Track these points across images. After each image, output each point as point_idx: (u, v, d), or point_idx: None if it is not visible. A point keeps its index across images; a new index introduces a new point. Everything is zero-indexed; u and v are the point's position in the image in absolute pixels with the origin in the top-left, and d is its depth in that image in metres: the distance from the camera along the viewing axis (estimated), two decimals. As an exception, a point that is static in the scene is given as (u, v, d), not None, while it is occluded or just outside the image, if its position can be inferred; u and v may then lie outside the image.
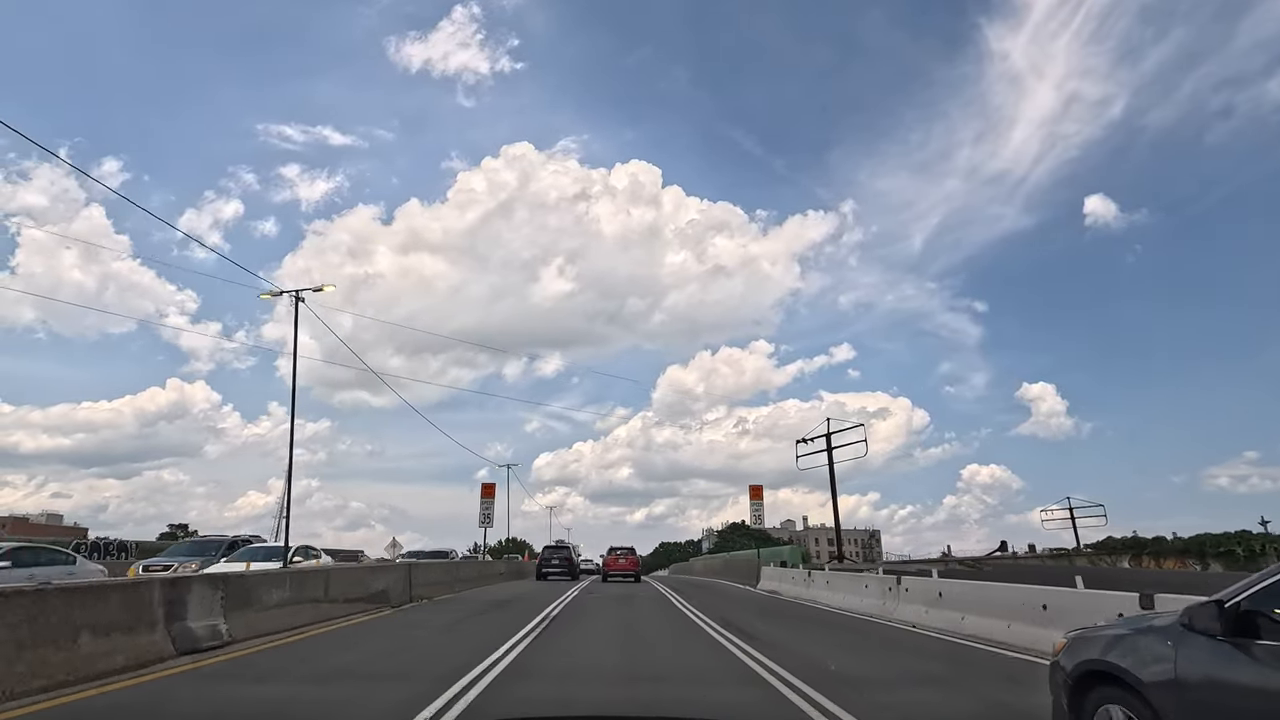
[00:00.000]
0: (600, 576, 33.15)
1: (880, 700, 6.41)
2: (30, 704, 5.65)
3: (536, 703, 6.28)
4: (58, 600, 6.45)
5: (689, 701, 6.46)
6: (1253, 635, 3.00)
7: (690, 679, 7.66)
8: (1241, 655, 2.99)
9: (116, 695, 6.16)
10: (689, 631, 11.85)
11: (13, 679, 5.77)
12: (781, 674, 7.45)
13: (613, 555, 31.07)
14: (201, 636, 8.34)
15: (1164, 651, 3.32)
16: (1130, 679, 3.43)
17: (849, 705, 5.94)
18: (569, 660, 8.70)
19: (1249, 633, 3.01)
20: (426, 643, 10.08)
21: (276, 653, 8.76)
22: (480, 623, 12.74)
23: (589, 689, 6.97)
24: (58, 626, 6.34)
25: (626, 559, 30.25)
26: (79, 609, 6.65)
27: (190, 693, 6.42)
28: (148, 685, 6.56)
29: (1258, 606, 3.05)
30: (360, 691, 6.62)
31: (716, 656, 9.00)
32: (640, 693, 6.75)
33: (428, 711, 5.59)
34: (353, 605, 13.45)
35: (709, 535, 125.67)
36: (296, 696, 6.45)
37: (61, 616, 6.42)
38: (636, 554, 31.59)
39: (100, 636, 6.80)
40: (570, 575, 30.36)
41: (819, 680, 7.05)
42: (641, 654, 9.47)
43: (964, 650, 9.83)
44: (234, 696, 6.39)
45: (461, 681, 6.79)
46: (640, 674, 7.79)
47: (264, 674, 7.42)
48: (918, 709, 6.29)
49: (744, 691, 6.83)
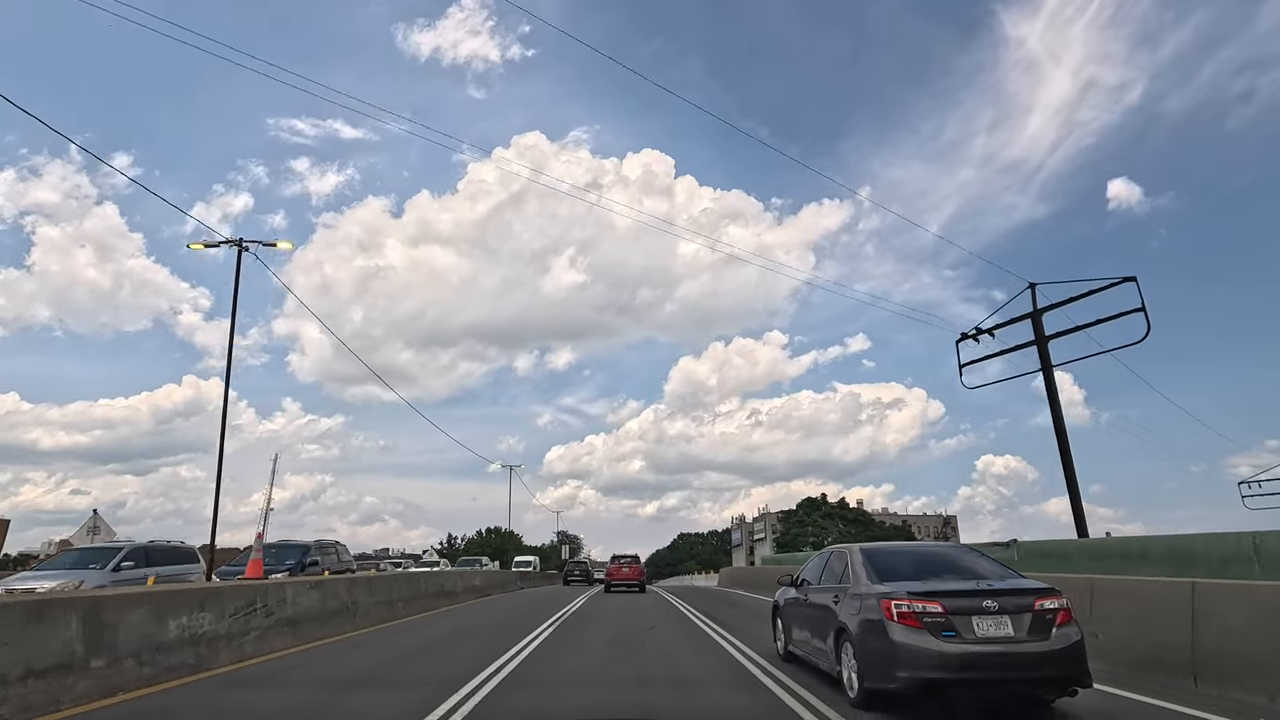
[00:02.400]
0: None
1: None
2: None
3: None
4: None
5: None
6: (799, 586, 8.71)
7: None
8: (794, 592, 8.88)
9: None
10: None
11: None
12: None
13: (615, 564, 30.06)
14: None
15: (782, 594, 9.48)
16: (779, 605, 9.53)
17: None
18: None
19: (798, 585, 8.76)
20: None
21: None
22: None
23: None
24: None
25: (630, 568, 29.21)
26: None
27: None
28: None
29: (801, 576, 8.82)
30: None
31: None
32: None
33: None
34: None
35: (740, 525, 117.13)
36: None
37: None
38: (641, 563, 30.81)
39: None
40: (587, 582, 39.51)
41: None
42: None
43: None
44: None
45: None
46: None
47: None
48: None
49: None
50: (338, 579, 13.80)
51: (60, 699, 6.03)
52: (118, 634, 6.86)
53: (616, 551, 31.30)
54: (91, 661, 6.48)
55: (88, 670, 6.41)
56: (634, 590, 28.22)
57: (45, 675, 5.99)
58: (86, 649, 6.44)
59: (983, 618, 5.88)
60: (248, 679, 7.79)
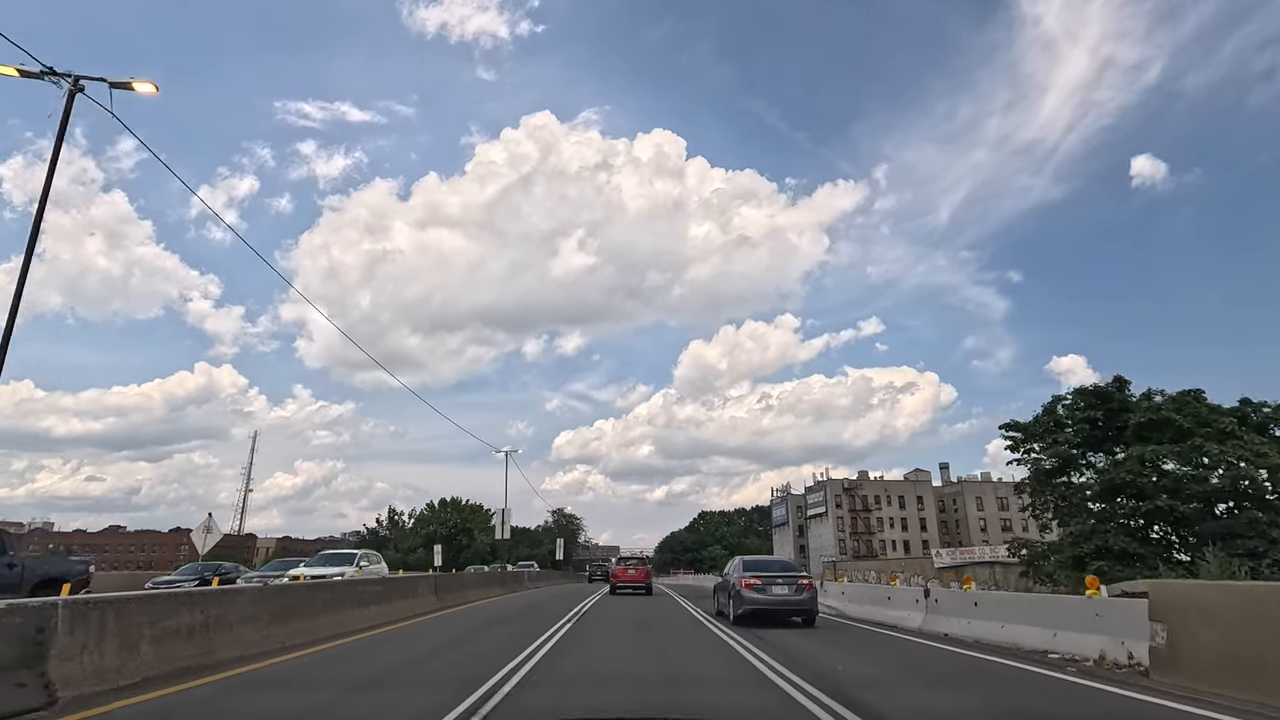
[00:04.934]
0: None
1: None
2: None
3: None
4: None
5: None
6: (723, 577, 17.11)
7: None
8: (721, 581, 17.29)
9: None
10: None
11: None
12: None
13: (621, 566, 30.70)
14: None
15: (715, 583, 19.34)
16: (714, 588, 18.47)
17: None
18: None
19: (723, 577, 17.35)
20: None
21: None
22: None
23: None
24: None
25: (636, 569, 29.51)
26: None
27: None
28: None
29: (729, 574, 16.13)
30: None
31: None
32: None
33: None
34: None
35: (785, 498, 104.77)
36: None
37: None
38: (648, 564, 32.09)
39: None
40: (605, 579, 40.01)
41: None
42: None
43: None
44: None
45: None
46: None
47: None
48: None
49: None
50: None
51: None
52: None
53: (624, 537, 34.55)
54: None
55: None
56: (640, 593, 28.10)
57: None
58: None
59: (776, 585, 14.43)
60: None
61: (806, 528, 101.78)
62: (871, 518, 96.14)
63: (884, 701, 6.89)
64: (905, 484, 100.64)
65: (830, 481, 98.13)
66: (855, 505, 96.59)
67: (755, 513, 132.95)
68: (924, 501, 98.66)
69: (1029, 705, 6.78)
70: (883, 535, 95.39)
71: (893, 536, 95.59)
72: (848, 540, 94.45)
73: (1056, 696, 7.10)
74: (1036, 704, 6.81)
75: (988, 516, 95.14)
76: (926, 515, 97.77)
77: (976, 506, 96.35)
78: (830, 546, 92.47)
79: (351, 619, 12.57)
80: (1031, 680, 7.99)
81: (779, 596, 14.37)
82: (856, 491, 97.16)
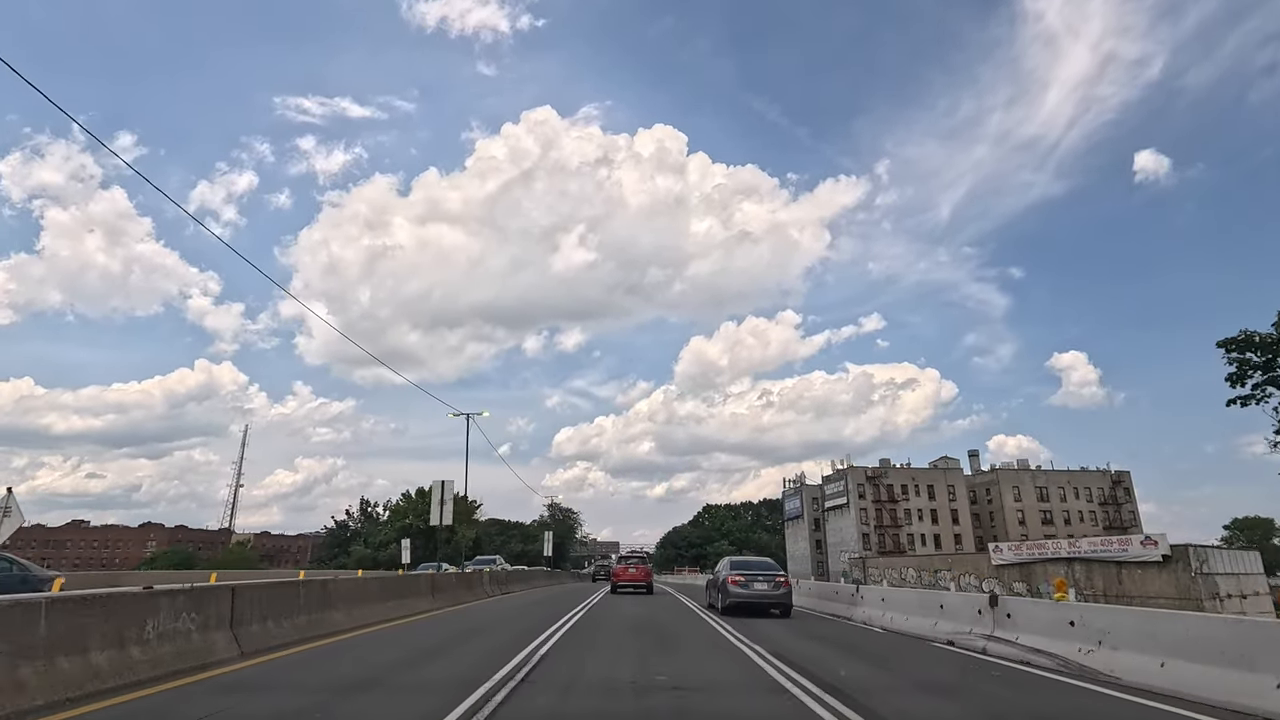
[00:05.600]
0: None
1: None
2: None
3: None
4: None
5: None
6: (714, 574, 20.30)
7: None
8: (713, 578, 20.23)
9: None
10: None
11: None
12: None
13: (622, 565, 30.86)
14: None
15: (708, 580, 22.22)
16: (706, 584, 22.33)
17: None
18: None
19: (713, 574, 20.57)
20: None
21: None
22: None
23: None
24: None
25: (637, 568, 29.64)
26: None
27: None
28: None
29: (719, 571, 18.72)
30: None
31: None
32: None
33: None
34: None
35: (800, 489, 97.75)
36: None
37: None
38: (649, 563, 31.92)
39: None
40: (609, 578, 39.21)
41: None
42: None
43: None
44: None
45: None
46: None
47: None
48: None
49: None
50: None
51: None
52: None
53: (624, 534, 34.94)
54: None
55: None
56: (641, 591, 28.11)
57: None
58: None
59: (757, 582, 16.74)
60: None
61: (824, 521, 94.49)
62: (899, 509, 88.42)
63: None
64: (934, 472, 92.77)
65: (852, 470, 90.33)
66: (880, 496, 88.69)
67: (764, 506, 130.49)
68: (955, 491, 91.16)
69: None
70: (910, 528, 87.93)
71: (921, 530, 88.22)
72: (872, 534, 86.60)
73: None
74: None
75: (1025, 508, 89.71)
76: (959, 506, 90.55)
77: (1014, 497, 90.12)
78: (852, 541, 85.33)
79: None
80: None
81: (759, 592, 16.70)
82: (881, 480, 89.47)
